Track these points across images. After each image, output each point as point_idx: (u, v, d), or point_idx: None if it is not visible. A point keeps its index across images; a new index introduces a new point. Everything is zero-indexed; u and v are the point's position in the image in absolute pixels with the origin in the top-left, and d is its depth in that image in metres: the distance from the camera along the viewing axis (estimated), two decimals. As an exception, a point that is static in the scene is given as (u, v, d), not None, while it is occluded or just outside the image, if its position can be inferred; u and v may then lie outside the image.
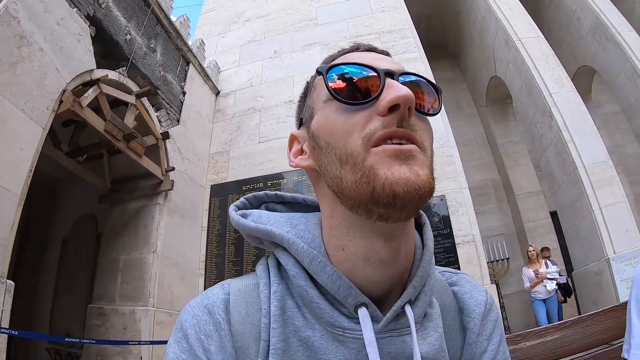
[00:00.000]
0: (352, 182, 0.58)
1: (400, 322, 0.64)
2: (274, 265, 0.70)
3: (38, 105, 3.90)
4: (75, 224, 6.97)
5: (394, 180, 0.54)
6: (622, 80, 8.20)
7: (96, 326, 5.19)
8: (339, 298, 0.62)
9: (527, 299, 9.15)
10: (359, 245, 0.62)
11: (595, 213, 6.46)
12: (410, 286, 0.65)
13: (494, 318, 0.79)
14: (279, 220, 0.72)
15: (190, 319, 0.65)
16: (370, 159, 0.57)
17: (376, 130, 0.58)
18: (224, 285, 0.71)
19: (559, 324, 1.48)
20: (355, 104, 0.60)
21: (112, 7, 5.36)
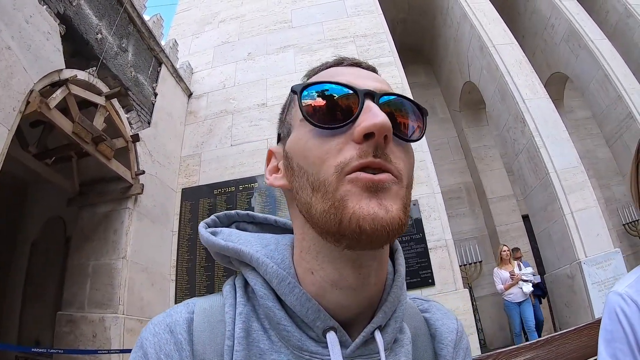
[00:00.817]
0: (321, 210, 0.56)
1: (369, 348, 0.62)
2: (241, 286, 0.68)
3: (4, 106, 3.77)
4: (44, 226, 6.80)
5: (362, 215, 0.53)
6: (594, 87, 8.39)
7: (65, 334, 5.04)
8: (307, 321, 0.60)
9: (499, 301, 9.27)
10: (327, 270, 0.61)
11: (566, 217, 6.57)
12: (380, 312, 0.64)
13: (465, 346, 0.78)
14: (249, 239, 0.69)
15: (151, 338, 0.62)
16: (342, 189, 0.55)
17: (351, 159, 0.55)
18: (189, 303, 0.68)
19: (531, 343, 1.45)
20: (329, 128, 0.58)
21: (83, 5, 5.23)
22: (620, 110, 7.75)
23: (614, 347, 1.03)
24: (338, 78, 0.61)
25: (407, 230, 5.21)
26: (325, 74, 0.66)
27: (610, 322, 1.06)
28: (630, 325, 1.02)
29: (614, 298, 1.08)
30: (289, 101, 0.71)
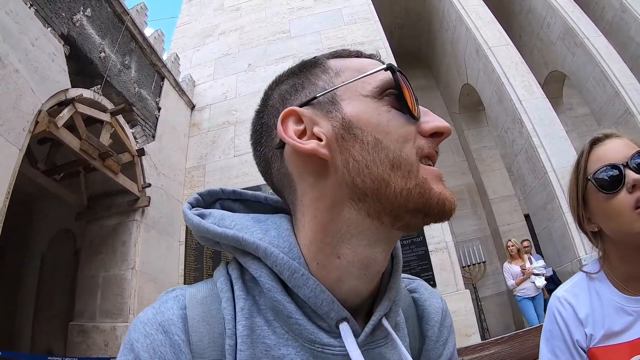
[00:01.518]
0: (402, 188, 0.57)
1: (375, 335, 0.62)
2: (238, 276, 0.62)
3: (14, 127, 3.91)
4: (54, 240, 6.90)
5: (446, 197, 0.58)
6: (591, 84, 8.42)
7: (78, 343, 5.16)
8: (321, 313, 0.58)
9: (504, 300, 9.31)
10: (361, 253, 0.60)
11: (566, 215, 6.60)
12: (385, 298, 0.64)
13: (449, 324, 0.80)
14: (246, 224, 0.64)
15: (142, 339, 0.56)
16: (422, 172, 0.58)
17: (424, 147, 0.60)
18: (178, 296, 0.62)
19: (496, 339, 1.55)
20: (414, 117, 0.61)
21: (86, 25, 5.38)
22: (618, 107, 7.77)
23: (553, 345, 1.16)
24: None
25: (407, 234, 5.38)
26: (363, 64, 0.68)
27: (549, 322, 1.20)
28: (566, 325, 1.15)
29: (553, 301, 1.22)
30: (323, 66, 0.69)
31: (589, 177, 1.12)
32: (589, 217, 1.18)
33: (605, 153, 1.12)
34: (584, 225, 1.20)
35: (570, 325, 1.15)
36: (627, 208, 1.03)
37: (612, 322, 1.10)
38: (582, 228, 1.22)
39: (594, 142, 1.17)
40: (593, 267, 1.20)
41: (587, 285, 1.19)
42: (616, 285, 1.13)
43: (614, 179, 1.06)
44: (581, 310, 1.15)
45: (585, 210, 1.18)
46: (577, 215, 1.21)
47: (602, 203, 1.09)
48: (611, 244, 1.15)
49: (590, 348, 1.12)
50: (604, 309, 1.13)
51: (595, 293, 1.16)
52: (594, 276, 1.18)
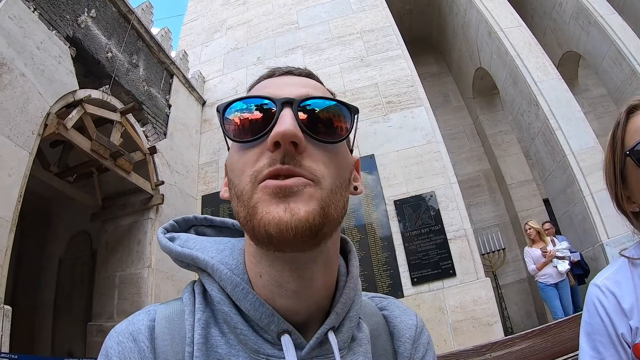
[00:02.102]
0: (242, 217, 0.59)
1: (324, 349, 0.64)
2: (200, 292, 0.69)
3: (23, 131, 3.91)
4: (70, 242, 6.93)
5: (267, 221, 0.55)
6: (607, 63, 8.22)
7: (97, 343, 5.17)
8: (262, 325, 0.62)
9: (525, 288, 9.19)
10: (271, 273, 0.63)
11: (586, 199, 6.49)
12: (332, 313, 0.66)
13: (426, 341, 0.80)
14: (206, 245, 0.72)
15: (115, 346, 0.63)
16: (255, 196, 0.57)
17: (263, 168, 0.58)
18: (150, 311, 0.69)
19: (525, 333, 1.45)
20: (243, 142, 0.61)
21: (91, 26, 5.36)
22: (636, 85, 7.56)
23: (595, 340, 1.04)
24: (265, 90, 0.66)
25: (425, 222, 5.25)
26: (256, 88, 0.71)
27: (590, 315, 1.07)
28: (609, 317, 1.02)
29: (593, 290, 1.08)
30: None
31: (627, 152, 1.00)
32: (629, 195, 1.06)
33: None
34: (622, 205, 1.07)
35: (614, 317, 1.02)
36: None
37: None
38: (620, 208, 1.09)
39: (630, 110, 1.04)
40: (636, 252, 1.06)
41: (630, 272, 1.05)
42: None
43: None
44: (625, 300, 1.02)
45: (624, 189, 1.06)
46: (614, 195, 1.09)
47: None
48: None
49: (637, 343, 0.99)
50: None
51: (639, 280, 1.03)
52: (638, 262, 1.05)
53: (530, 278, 8.49)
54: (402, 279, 5.98)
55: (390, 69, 7.90)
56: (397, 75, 7.79)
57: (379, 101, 7.44)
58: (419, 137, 6.93)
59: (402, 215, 6.40)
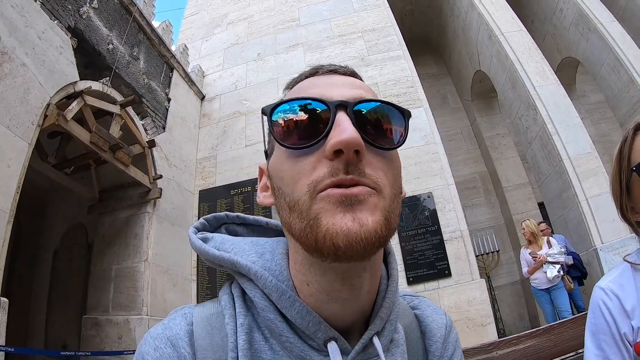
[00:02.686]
0: (299, 229, 0.56)
1: (368, 353, 0.63)
2: (239, 295, 0.67)
3: (23, 121, 3.89)
4: (66, 234, 6.93)
5: (335, 232, 0.52)
6: (605, 70, 8.29)
7: (91, 337, 5.19)
8: (309, 333, 0.61)
9: (517, 290, 9.27)
10: (321, 282, 0.61)
11: (581, 204, 6.54)
12: (377, 318, 0.65)
13: (454, 339, 0.81)
14: (243, 247, 0.69)
15: (153, 352, 0.61)
16: (315, 207, 0.54)
17: (323, 178, 0.54)
18: (186, 314, 0.67)
19: (530, 332, 1.51)
20: (298, 148, 0.57)
21: (93, 17, 5.34)
22: (633, 93, 7.65)
23: (599, 339, 1.10)
24: (311, 91, 0.62)
25: (421, 222, 5.27)
26: (299, 88, 0.67)
27: (594, 315, 1.13)
28: (613, 317, 1.09)
29: (597, 292, 1.15)
30: None
31: (634, 168, 1.07)
32: (632, 206, 1.13)
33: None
34: (627, 214, 1.14)
35: (617, 318, 1.09)
36: None
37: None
38: (625, 218, 1.16)
39: (637, 127, 1.11)
40: (638, 257, 1.14)
41: (632, 276, 1.13)
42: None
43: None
44: (628, 301, 1.09)
45: (629, 200, 1.13)
46: (620, 205, 1.16)
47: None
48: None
49: (638, 342, 1.06)
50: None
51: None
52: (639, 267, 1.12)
53: (524, 281, 8.54)
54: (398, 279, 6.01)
55: (390, 69, 7.92)
56: (397, 75, 7.82)
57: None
58: (417, 138, 6.95)
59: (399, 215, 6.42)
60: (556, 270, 5.88)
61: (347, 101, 0.57)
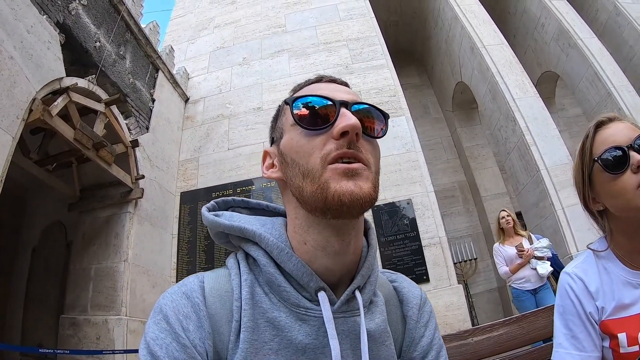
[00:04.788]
0: (310, 191, 0.72)
1: (351, 305, 0.78)
2: (243, 258, 0.82)
3: (8, 114, 3.85)
4: (45, 232, 6.83)
5: (342, 192, 0.69)
6: (584, 84, 8.51)
7: (69, 336, 5.12)
8: (302, 283, 0.76)
9: (495, 297, 9.39)
10: (317, 239, 0.76)
11: (558, 213, 6.67)
12: (359, 275, 0.80)
13: (429, 310, 0.97)
14: (249, 219, 0.85)
15: (170, 303, 0.74)
16: (325, 174, 0.71)
17: (331, 151, 0.72)
18: (198, 275, 0.81)
19: (504, 320, 1.60)
20: (315, 129, 0.75)
21: (81, 14, 5.34)
22: (611, 107, 7.81)
23: (567, 319, 1.22)
24: (319, 92, 0.79)
25: (400, 229, 5.33)
26: (309, 89, 0.85)
27: (562, 298, 1.26)
28: (578, 298, 1.21)
29: (564, 277, 1.28)
30: (279, 110, 0.89)
31: (595, 159, 1.18)
32: (594, 197, 1.24)
33: (610, 135, 1.17)
34: (589, 204, 1.26)
35: (582, 299, 1.20)
36: (631, 187, 1.09)
37: (621, 295, 1.16)
38: (587, 207, 1.28)
39: (598, 125, 1.22)
40: (600, 245, 1.27)
41: (595, 261, 1.25)
42: (622, 260, 1.20)
43: (619, 160, 1.12)
44: (591, 284, 1.21)
45: (590, 190, 1.24)
46: (582, 195, 1.27)
47: (608, 183, 1.15)
48: (616, 221, 1.21)
49: (603, 320, 1.17)
50: (612, 283, 1.19)
51: (603, 269, 1.22)
52: (601, 254, 1.25)
53: (501, 288, 8.66)
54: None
55: (373, 78, 8.03)
56: (380, 84, 7.93)
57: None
58: (398, 146, 7.05)
59: (378, 221, 6.50)
60: (549, 265, 5.07)
61: (347, 101, 0.77)
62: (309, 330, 0.74)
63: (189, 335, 0.71)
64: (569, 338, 1.20)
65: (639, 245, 1.17)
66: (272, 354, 0.73)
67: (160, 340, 0.69)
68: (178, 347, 0.69)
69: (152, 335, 0.70)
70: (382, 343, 0.82)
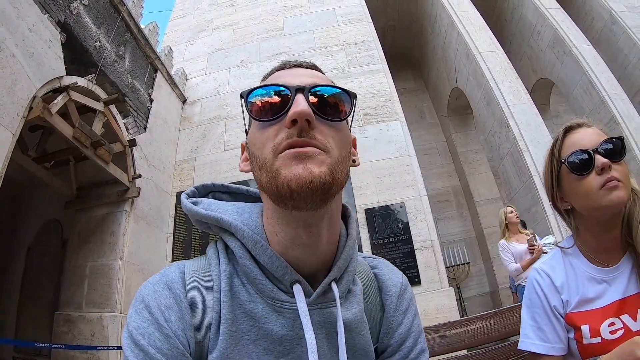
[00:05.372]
0: (266, 182, 0.72)
1: (327, 297, 0.80)
2: (223, 249, 0.83)
3: (8, 112, 3.90)
4: (41, 230, 6.85)
5: (289, 178, 0.68)
6: (578, 92, 8.63)
7: (63, 333, 5.15)
8: (277, 276, 0.76)
9: (486, 301, 9.45)
10: (286, 231, 0.76)
11: (549, 218, 6.75)
12: (335, 267, 0.81)
13: (409, 297, 0.98)
14: (227, 208, 0.85)
15: (152, 294, 0.75)
16: (277, 163, 0.70)
17: (282, 140, 0.71)
18: (179, 265, 0.82)
19: (481, 315, 1.68)
20: (265, 121, 0.75)
21: (82, 14, 5.39)
22: (604, 115, 7.95)
23: (533, 312, 1.32)
24: (278, 80, 0.79)
25: (393, 231, 5.37)
26: (270, 78, 0.85)
27: (529, 292, 1.36)
28: (544, 293, 1.31)
29: (532, 273, 1.38)
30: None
31: (562, 161, 1.27)
32: (562, 196, 1.34)
33: (578, 140, 1.27)
34: (557, 203, 1.36)
35: (548, 293, 1.30)
36: (595, 187, 1.19)
37: (585, 290, 1.25)
38: (555, 206, 1.38)
39: (567, 129, 1.32)
40: (567, 243, 1.37)
41: (562, 258, 1.35)
42: (588, 257, 1.30)
43: (585, 162, 1.22)
44: (557, 279, 1.31)
45: (558, 190, 1.34)
46: (551, 195, 1.37)
47: (574, 183, 1.25)
48: (582, 220, 1.31)
49: (568, 313, 1.27)
50: (577, 279, 1.28)
51: (569, 265, 1.32)
52: (568, 251, 1.35)
53: (493, 292, 8.74)
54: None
55: (369, 82, 8.08)
56: (376, 88, 7.98)
57: (356, 112, 7.54)
58: (392, 150, 7.11)
59: (371, 224, 6.55)
60: None
61: (304, 86, 0.74)
62: (285, 322, 0.76)
63: (171, 326, 0.72)
64: (535, 329, 1.29)
65: (604, 242, 1.26)
66: (250, 343, 0.75)
67: (143, 330, 0.71)
68: (161, 337, 0.71)
69: (134, 325, 0.72)
70: (359, 333, 0.84)
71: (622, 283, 1.22)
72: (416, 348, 0.93)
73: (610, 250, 1.26)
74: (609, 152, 1.20)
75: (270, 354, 0.76)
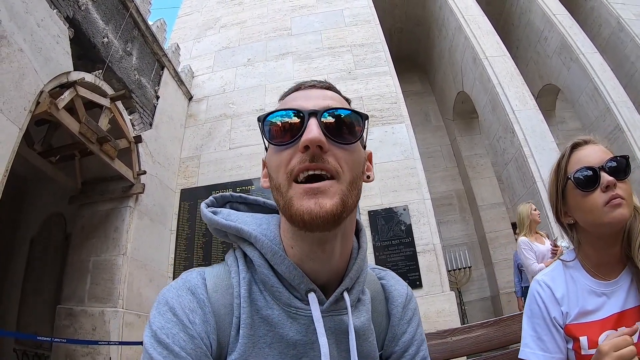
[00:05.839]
0: (282, 205, 0.77)
1: (339, 305, 0.84)
2: (241, 257, 0.87)
3: (16, 106, 3.91)
4: (44, 224, 6.86)
5: (302, 210, 0.72)
6: (584, 99, 8.60)
7: (65, 327, 5.16)
8: (294, 284, 0.81)
9: (487, 306, 9.44)
10: (302, 246, 0.80)
11: (552, 224, 6.72)
12: (347, 278, 0.86)
13: (413, 307, 1.03)
14: (246, 219, 0.89)
15: (176, 298, 0.78)
16: (291, 191, 0.75)
17: (295, 166, 0.75)
18: (200, 271, 0.86)
19: (482, 322, 1.71)
20: (282, 145, 0.78)
21: (91, 10, 5.41)
22: (609, 122, 7.93)
23: (534, 322, 1.35)
24: (293, 103, 0.82)
25: (396, 234, 5.38)
26: (285, 101, 0.88)
27: (530, 302, 1.39)
28: (545, 304, 1.34)
29: (533, 284, 1.41)
30: None
31: (569, 177, 1.30)
32: (566, 210, 1.36)
33: (585, 156, 1.30)
34: (561, 217, 1.38)
35: (548, 305, 1.33)
36: (600, 204, 1.22)
37: (585, 302, 1.29)
38: (559, 220, 1.40)
39: (574, 146, 1.36)
40: (569, 256, 1.40)
41: (563, 271, 1.38)
42: (588, 271, 1.32)
43: (591, 179, 1.25)
44: (558, 291, 1.34)
45: (563, 205, 1.36)
46: (555, 209, 1.39)
47: (579, 199, 1.28)
48: (585, 234, 1.33)
49: (567, 324, 1.30)
50: (578, 292, 1.31)
51: (570, 278, 1.35)
52: (569, 264, 1.38)
53: (494, 297, 8.73)
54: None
55: (376, 84, 8.08)
56: (382, 90, 7.98)
57: (362, 114, 7.57)
58: (397, 153, 7.12)
59: (374, 226, 6.55)
60: None
61: (317, 110, 0.78)
62: (299, 327, 0.80)
63: (195, 327, 0.76)
64: (535, 339, 1.32)
65: (605, 257, 1.29)
66: (266, 347, 0.79)
67: (167, 330, 0.74)
68: (186, 337, 0.74)
69: (158, 325, 0.74)
70: (366, 339, 0.89)
71: (621, 296, 1.25)
72: (418, 355, 0.98)
73: (610, 264, 1.29)
74: (614, 170, 1.23)
75: (284, 357, 0.80)
